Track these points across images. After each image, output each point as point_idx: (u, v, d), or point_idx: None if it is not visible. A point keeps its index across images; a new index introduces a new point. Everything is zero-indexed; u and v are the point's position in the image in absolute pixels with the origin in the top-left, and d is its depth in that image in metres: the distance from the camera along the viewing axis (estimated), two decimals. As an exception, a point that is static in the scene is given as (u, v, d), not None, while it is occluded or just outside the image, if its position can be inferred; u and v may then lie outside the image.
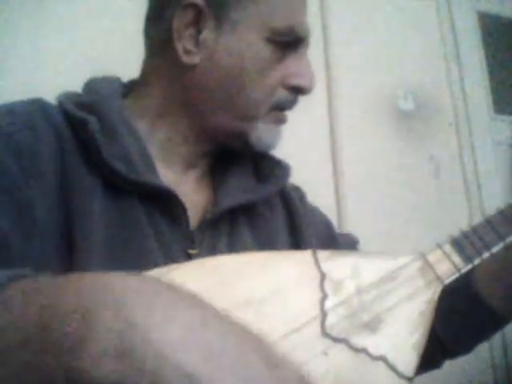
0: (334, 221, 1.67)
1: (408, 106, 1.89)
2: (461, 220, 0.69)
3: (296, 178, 0.79)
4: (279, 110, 0.71)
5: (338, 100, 1.77)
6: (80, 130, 0.63)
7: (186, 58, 0.67)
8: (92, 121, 0.63)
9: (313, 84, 0.71)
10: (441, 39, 2.03)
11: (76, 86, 0.73)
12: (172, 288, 0.40)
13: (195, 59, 0.67)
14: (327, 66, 1.78)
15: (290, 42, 0.68)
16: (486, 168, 1.96)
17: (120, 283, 0.39)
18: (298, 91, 0.70)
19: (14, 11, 1.33)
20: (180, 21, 0.66)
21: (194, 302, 0.40)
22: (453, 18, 2.06)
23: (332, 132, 1.75)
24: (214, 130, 0.70)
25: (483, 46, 2.10)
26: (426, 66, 1.97)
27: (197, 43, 0.66)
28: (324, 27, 1.81)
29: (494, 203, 0.72)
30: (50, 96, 0.70)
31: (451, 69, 2.02)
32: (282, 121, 0.72)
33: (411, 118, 1.89)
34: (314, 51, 0.68)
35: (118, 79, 0.73)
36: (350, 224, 1.67)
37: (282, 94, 0.69)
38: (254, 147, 0.71)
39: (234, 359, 0.37)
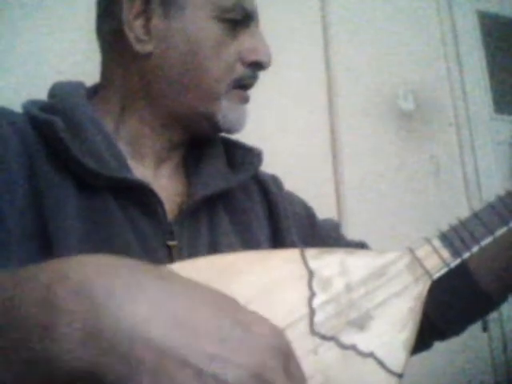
0: (334, 221, 1.69)
1: (408, 105, 1.89)
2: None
3: (296, 177, 0.79)
4: (241, 88, 0.72)
5: (338, 100, 1.77)
6: (46, 132, 0.64)
7: (139, 47, 0.68)
8: (56, 120, 0.63)
9: (269, 58, 0.72)
10: (441, 39, 2.03)
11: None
12: (134, 265, 0.40)
13: (148, 47, 0.68)
14: (327, 65, 1.77)
15: (238, 18, 0.70)
16: (486, 168, 1.95)
17: (77, 268, 0.38)
18: (255, 67, 0.72)
19: (13, 11, 1.34)
20: (129, 12, 0.68)
21: (158, 275, 0.39)
22: (453, 17, 2.06)
23: (332, 132, 1.75)
24: (179, 116, 0.71)
25: (483, 45, 2.10)
26: (427, 66, 1.96)
27: (148, 31, 0.68)
28: (324, 27, 1.81)
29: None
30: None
31: (451, 69, 2.01)
32: (244, 99, 0.73)
33: (411, 117, 1.89)
34: (314, 51, 0.68)
35: (81, 83, 0.74)
36: (350, 224, 1.67)
37: (240, 70, 0.71)
38: (221, 127, 0.72)
39: (205, 323, 0.36)
